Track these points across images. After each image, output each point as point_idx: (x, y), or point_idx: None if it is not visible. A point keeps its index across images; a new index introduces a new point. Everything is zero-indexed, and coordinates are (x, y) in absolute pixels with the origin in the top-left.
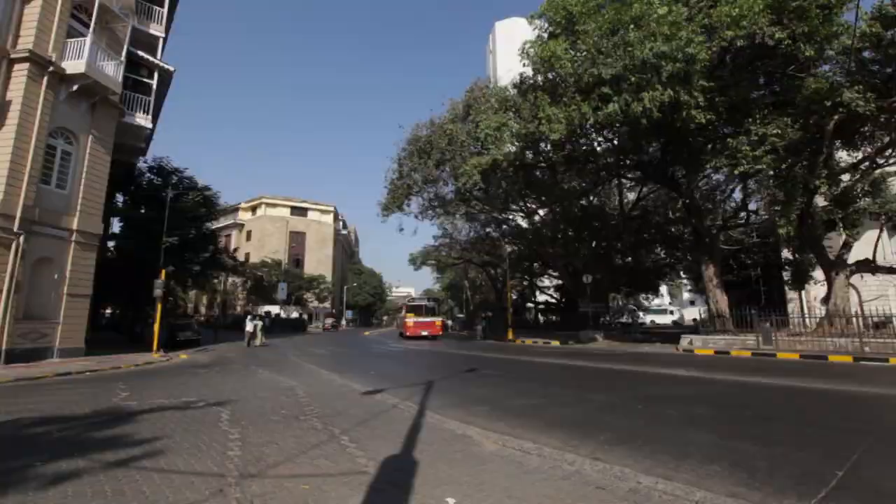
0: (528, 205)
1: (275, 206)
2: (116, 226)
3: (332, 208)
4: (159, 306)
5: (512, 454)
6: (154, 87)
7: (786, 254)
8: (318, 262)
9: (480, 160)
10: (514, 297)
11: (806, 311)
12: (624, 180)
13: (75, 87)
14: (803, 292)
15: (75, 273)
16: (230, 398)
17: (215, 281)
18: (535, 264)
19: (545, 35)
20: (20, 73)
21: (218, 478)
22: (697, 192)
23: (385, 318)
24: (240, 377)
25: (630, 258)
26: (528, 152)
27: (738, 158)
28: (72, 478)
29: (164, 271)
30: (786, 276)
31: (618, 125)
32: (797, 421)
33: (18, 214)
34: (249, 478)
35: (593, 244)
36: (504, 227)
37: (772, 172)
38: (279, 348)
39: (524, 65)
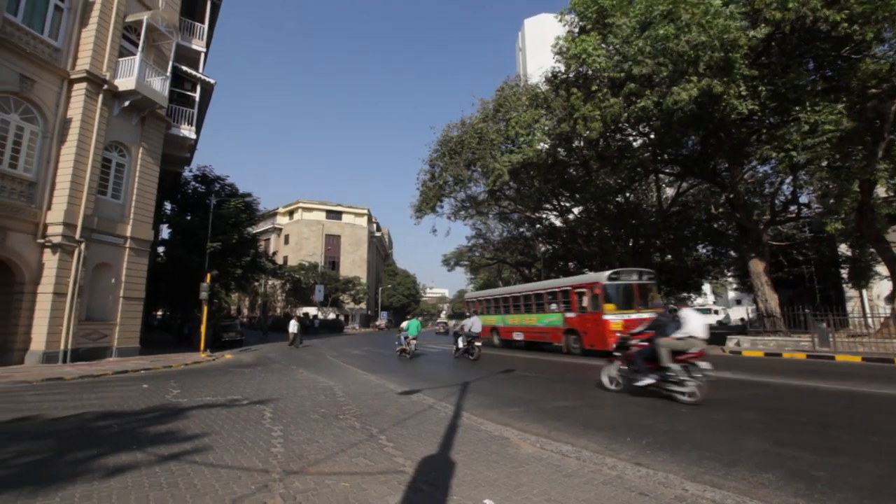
0: (562, 203)
1: (311, 210)
2: (165, 232)
3: (365, 211)
4: (205, 308)
5: (550, 457)
6: (197, 99)
7: (843, 249)
8: (353, 263)
9: (511, 158)
10: None
11: (868, 310)
12: (661, 176)
13: (127, 103)
14: (864, 290)
15: (130, 277)
16: (272, 397)
17: (256, 284)
18: (571, 264)
19: (576, 30)
20: (79, 92)
21: (263, 473)
22: (742, 186)
23: (420, 318)
24: (281, 377)
25: (670, 256)
26: (560, 150)
27: (786, 149)
28: (131, 469)
29: (209, 275)
30: (843, 273)
31: (652, 119)
32: (861, 429)
33: (80, 223)
34: (292, 474)
35: (630, 242)
36: (537, 226)
37: (825, 163)
38: (317, 349)
39: (556, 61)
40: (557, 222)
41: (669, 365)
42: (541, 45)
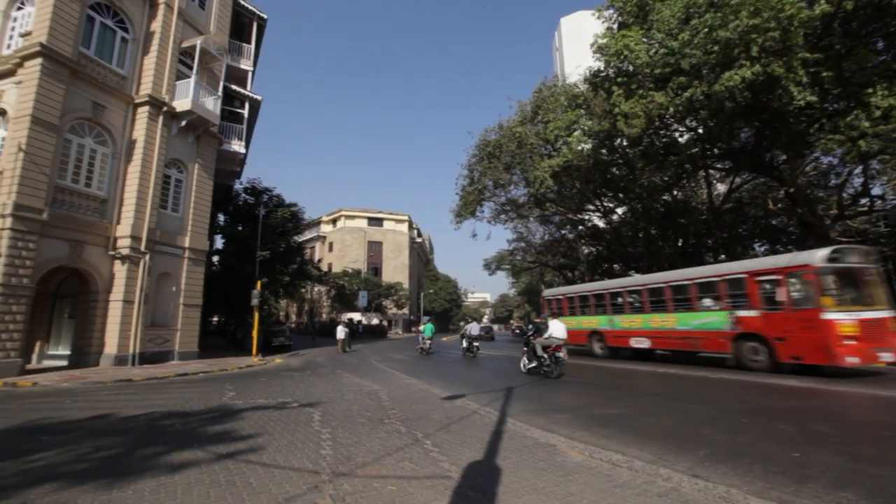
0: (605, 204)
1: (353, 217)
2: (219, 242)
3: (406, 217)
4: (256, 314)
5: (599, 466)
6: (245, 115)
7: None
8: (395, 269)
9: (552, 162)
10: None
11: None
12: (712, 171)
13: (184, 123)
14: None
15: (189, 286)
16: (320, 400)
17: (303, 290)
18: (616, 266)
19: (615, 27)
20: (142, 114)
21: (313, 474)
22: (803, 179)
23: (461, 323)
24: (328, 380)
25: (724, 255)
26: (602, 150)
27: (853, 138)
28: (193, 466)
29: (259, 282)
30: None
31: (700, 112)
32: None
33: (144, 236)
34: (341, 476)
35: (679, 242)
36: (580, 228)
37: None
38: (362, 354)
39: (595, 59)
40: (601, 223)
41: (543, 355)
42: (578, 44)
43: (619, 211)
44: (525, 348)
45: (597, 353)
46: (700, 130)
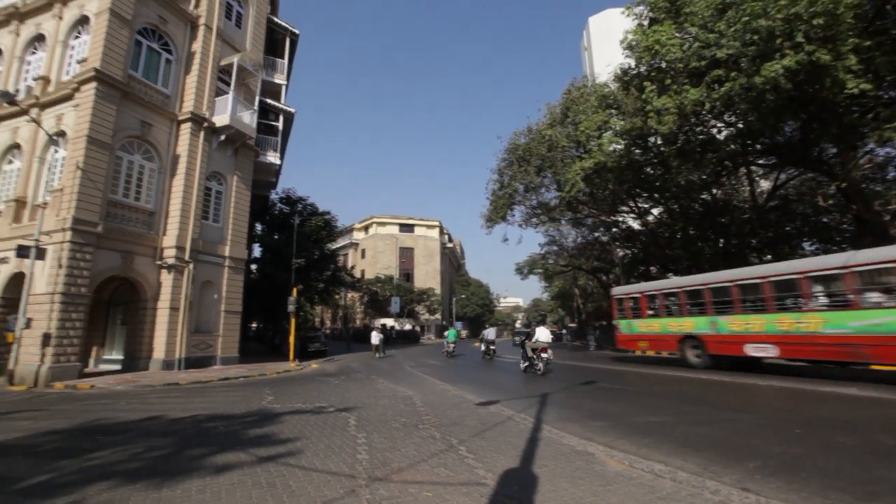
0: (640, 205)
1: (384, 224)
2: (257, 251)
3: (437, 223)
4: (293, 321)
5: (641, 476)
6: (280, 127)
7: None
8: (427, 275)
9: (583, 164)
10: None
11: None
12: (754, 168)
13: (223, 137)
14: None
15: (229, 293)
16: (355, 405)
17: (337, 296)
18: (653, 268)
19: (645, 23)
20: (185, 131)
21: (350, 478)
22: (857, 173)
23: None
24: (362, 386)
25: (770, 256)
26: (635, 150)
27: None
28: (235, 468)
29: (295, 289)
30: None
31: (740, 106)
32: None
33: (188, 246)
34: (377, 481)
35: (720, 243)
36: (613, 230)
37: None
38: (396, 359)
39: (625, 56)
40: (635, 225)
41: (532, 356)
42: (607, 43)
43: (655, 212)
44: (522, 351)
45: (692, 362)
46: (740, 125)
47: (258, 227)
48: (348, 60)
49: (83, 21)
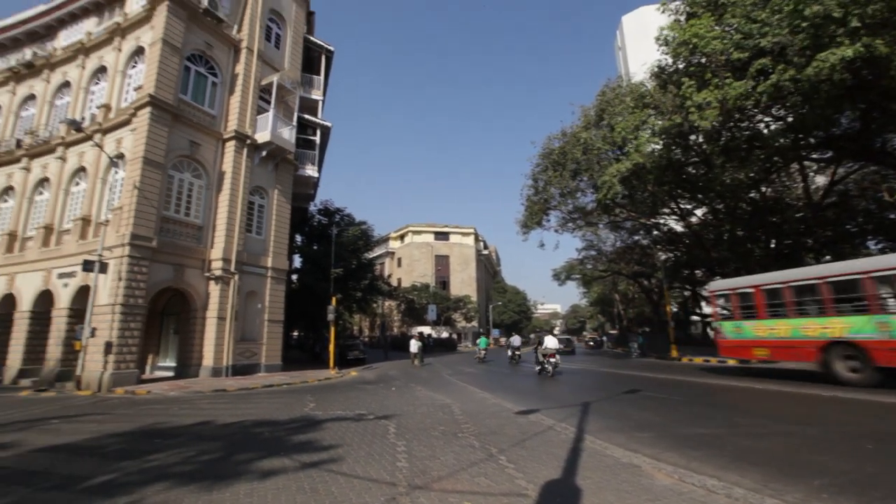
0: (682, 206)
1: (420, 232)
2: (297, 261)
3: (471, 230)
4: (333, 329)
5: (692, 491)
6: (317, 141)
7: None
8: (463, 282)
9: (620, 167)
10: (675, 309)
11: None
12: (807, 163)
13: (264, 153)
14: None
15: (272, 302)
16: (394, 412)
17: (374, 305)
18: (697, 272)
19: (682, 18)
20: (230, 148)
21: (390, 486)
22: None
23: (532, 335)
24: (401, 393)
25: (829, 256)
26: (675, 149)
27: None
28: (280, 473)
29: (334, 298)
30: None
31: (790, 98)
32: None
33: (234, 258)
34: (417, 489)
35: (772, 243)
36: (654, 233)
37: None
38: (433, 367)
39: (662, 52)
40: (678, 227)
41: (542, 360)
42: (642, 41)
43: (699, 213)
44: (535, 356)
45: (843, 377)
46: (790, 119)
47: (298, 238)
48: (383, 72)
49: (139, 52)
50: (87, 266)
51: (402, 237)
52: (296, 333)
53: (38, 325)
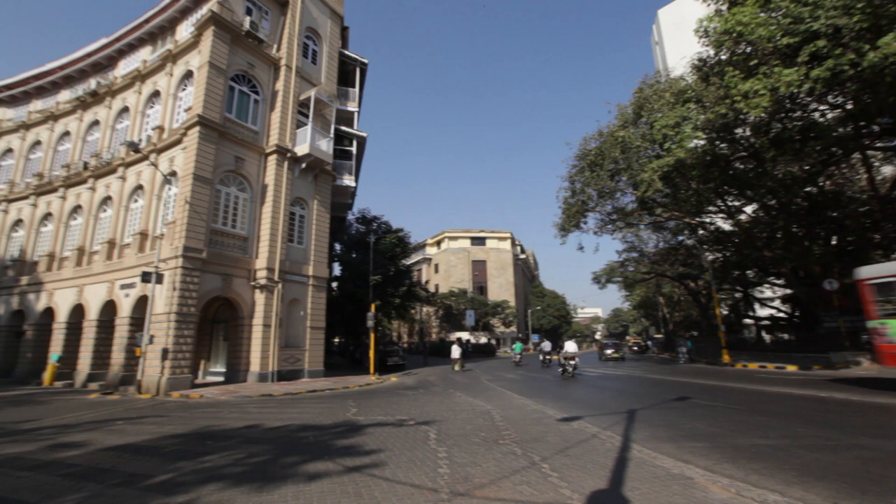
0: (729, 203)
1: (456, 238)
2: (336, 269)
3: (508, 235)
4: (372, 335)
5: None
6: (354, 151)
7: None
8: (500, 287)
9: (660, 163)
10: (725, 312)
11: None
12: (871, 152)
13: (304, 165)
14: None
15: (314, 310)
16: (435, 418)
17: (412, 311)
18: (749, 272)
19: (723, 7)
20: (271, 162)
21: (432, 492)
22: None
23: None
24: (441, 399)
25: None
26: (720, 144)
27: None
28: (325, 477)
29: (373, 305)
30: None
31: (849, 84)
32: None
33: (277, 267)
34: (459, 496)
35: (832, 240)
36: (700, 232)
37: None
38: (472, 372)
39: (702, 44)
40: (726, 226)
41: (563, 363)
42: (680, 34)
43: (748, 210)
44: (557, 359)
45: None
46: (849, 106)
47: (337, 246)
48: (416, 80)
49: (188, 75)
50: (145, 277)
51: (438, 243)
52: (337, 340)
53: (104, 333)
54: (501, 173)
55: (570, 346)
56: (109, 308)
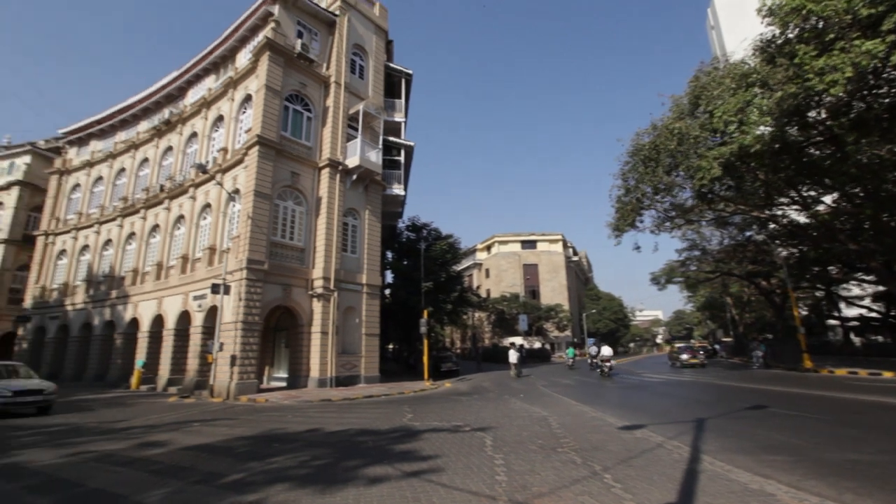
0: (804, 194)
1: (506, 242)
2: (389, 277)
3: (559, 237)
4: (426, 341)
5: None
6: (402, 160)
7: None
8: (553, 291)
9: (722, 150)
10: (804, 312)
11: None
12: None
13: (355, 177)
14: None
15: (368, 317)
16: (490, 425)
17: (465, 317)
18: (832, 268)
19: None
20: (324, 175)
21: (490, 500)
22: None
23: (632, 345)
24: (496, 405)
25: None
26: (790, 129)
27: None
28: (384, 481)
29: (426, 311)
30: None
31: None
32: None
33: (332, 276)
34: None
35: None
36: (771, 226)
37: None
38: (527, 378)
39: (766, 24)
40: (801, 218)
41: (600, 364)
42: (739, 17)
43: (827, 199)
44: (594, 361)
45: None
46: None
47: (389, 254)
48: (462, 82)
49: (248, 99)
50: (214, 289)
51: (488, 248)
52: (391, 346)
53: (180, 341)
54: (551, 175)
55: (606, 351)
56: (184, 318)
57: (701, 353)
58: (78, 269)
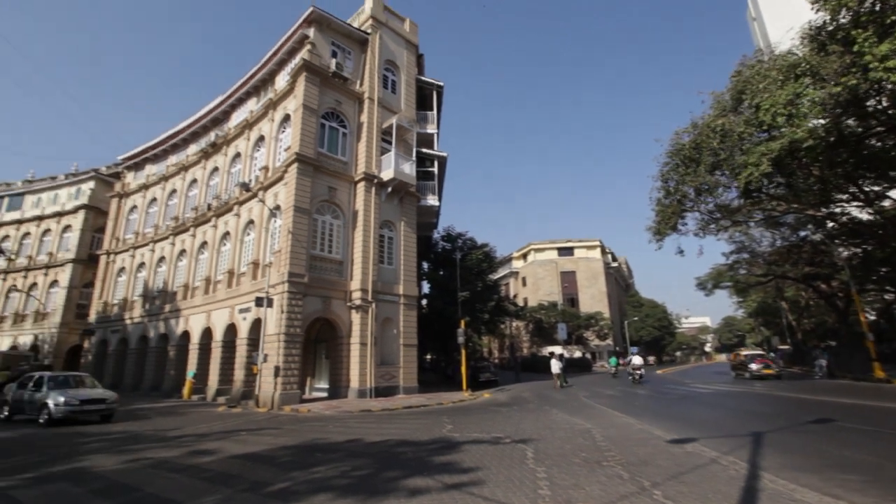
0: (866, 189)
1: (542, 250)
2: (425, 287)
3: (597, 243)
4: (463, 351)
5: None
6: (435, 171)
7: None
8: (592, 298)
9: (771, 146)
10: (872, 317)
11: None
12: None
13: (390, 189)
14: None
15: (406, 328)
16: (531, 437)
17: (502, 326)
18: None
19: None
20: (360, 189)
21: None
22: None
23: (678, 353)
24: (536, 417)
25: None
26: (846, 120)
27: None
28: (424, 493)
29: (462, 321)
30: None
31: None
32: None
33: (370, 288)
34: None
35: None
36: (830, 225)
37: None
38: (568, 388)
39: (816, 10)
40: (863, 215)
41: (633, 373)
42: (784, 2)
43: (893, 194)
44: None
45: None
46: None
47: (424, 265)
48: (495, 90)
49: (286, 118)
50: (258, 302)
51: (524, 256)
52: (429, 357)
53: (227, 353)
54: (587, 180)
55: (637, 360)
56: (231, 330)
57: (780, 360)
58: (135, 285)
